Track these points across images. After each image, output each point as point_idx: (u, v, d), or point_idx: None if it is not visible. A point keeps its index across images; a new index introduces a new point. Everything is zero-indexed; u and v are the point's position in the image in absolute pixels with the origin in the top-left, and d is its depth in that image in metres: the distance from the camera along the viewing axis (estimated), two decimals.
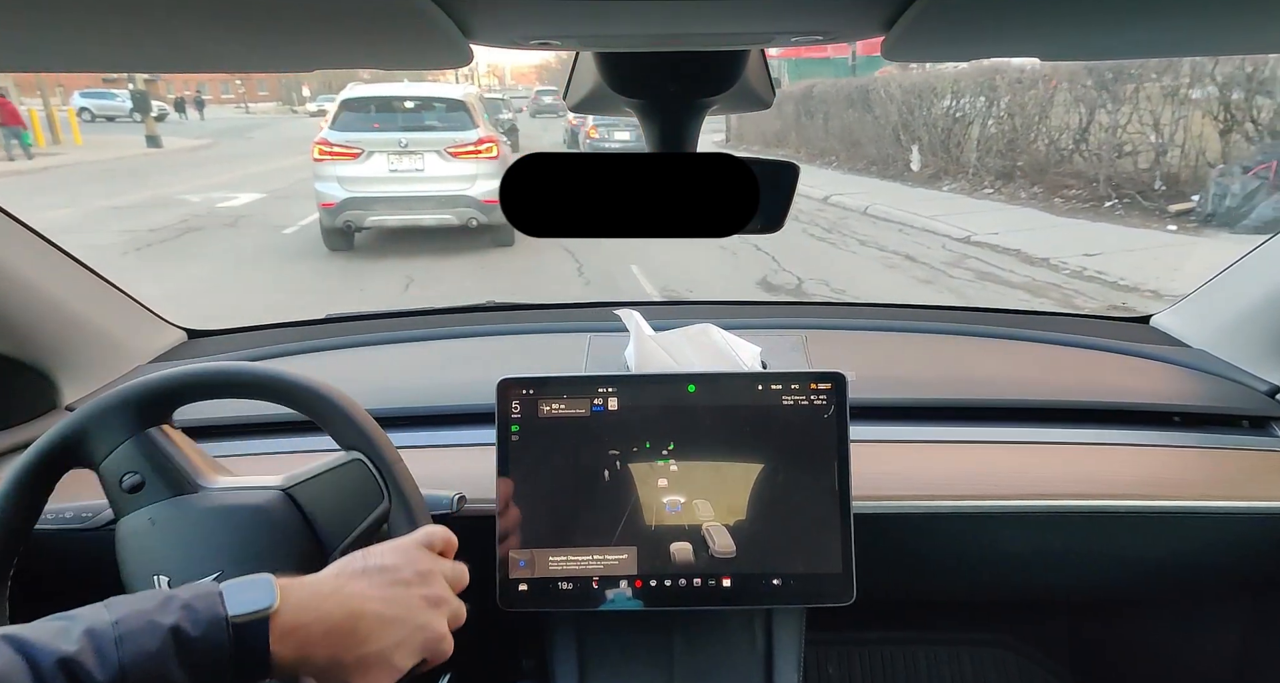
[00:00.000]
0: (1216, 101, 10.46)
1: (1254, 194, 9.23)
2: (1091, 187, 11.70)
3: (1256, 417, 1.51)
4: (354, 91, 9.98)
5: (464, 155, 9.44)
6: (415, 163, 9.37)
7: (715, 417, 1.25)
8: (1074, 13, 0.54)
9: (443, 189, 9.36)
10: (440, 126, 9.73)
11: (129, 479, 1.04)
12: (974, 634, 2.03)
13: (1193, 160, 10.81)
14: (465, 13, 0.53)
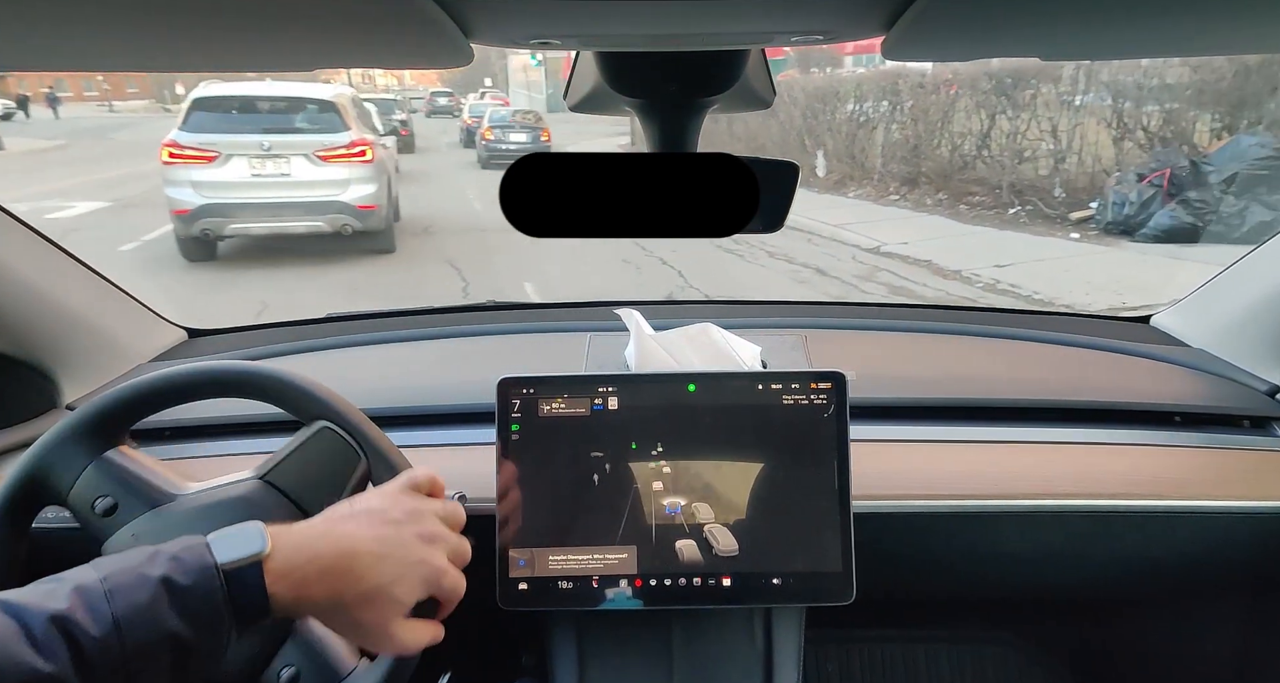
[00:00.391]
0: (1110, 109, 10.82)
1: (1150, 202, 9.47)
2: (995, 193, 11.87)
3: (1257, 417, 1.51)
4: (208, 90, 9.22)
5: (334, 159, 8.91)
6: (280, 167, 8.77)
7: (715, 416, 1.25)
8: (1074, 12, 0.54)
9: (313, 195, 8.82)
10: (308, 128, 9.13)
11: (101, 503, 1.03)
12: (974, 633, 2.03)
13: (1089, 167, 11.13)
14: (466, 13, 0.54)
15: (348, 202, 8.87)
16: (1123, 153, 10.75)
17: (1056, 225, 10.64)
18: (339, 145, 8.93)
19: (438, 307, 1.93)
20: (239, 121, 8.95)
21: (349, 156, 8.95)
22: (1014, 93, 11.58)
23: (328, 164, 8.87)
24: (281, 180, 8.77)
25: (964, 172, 12.40)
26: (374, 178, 9.11)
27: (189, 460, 1.41)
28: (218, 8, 0.50)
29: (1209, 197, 9.15)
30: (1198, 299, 1.74)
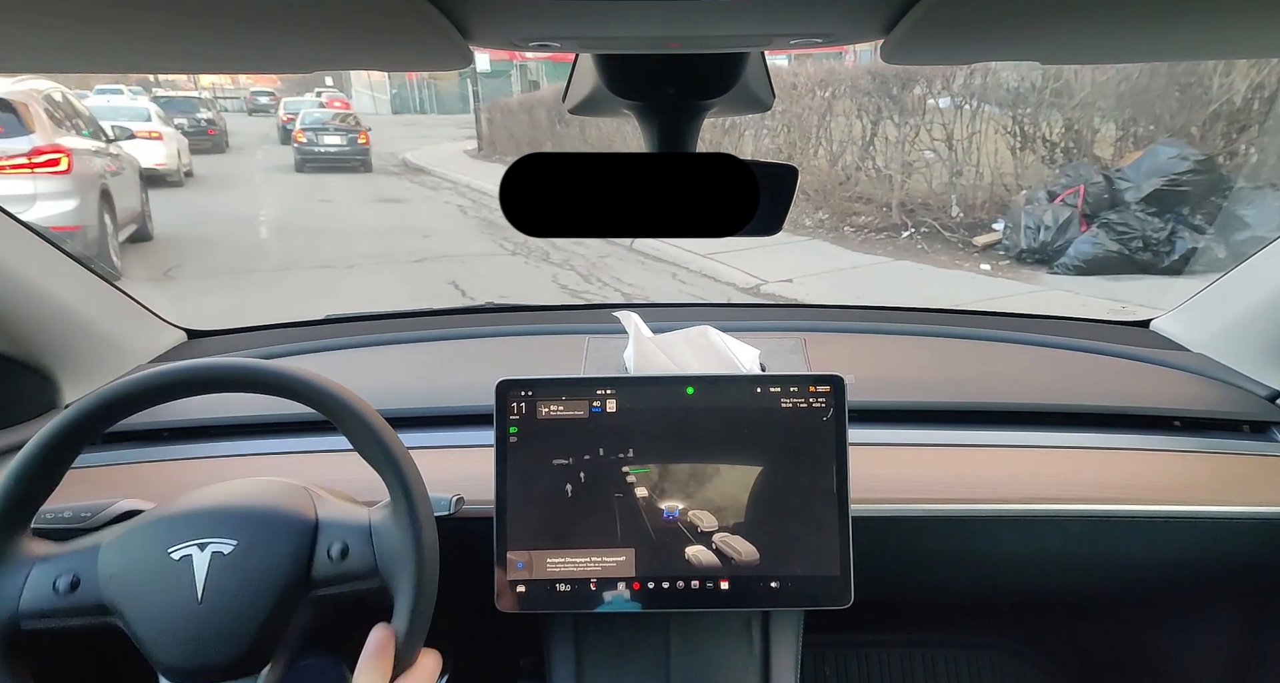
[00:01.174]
0: (1010, 117, 9.62)
1: (1067, 226, 8.32)
2: (883, 212, 10.40)
3: (1256, 421, 1.51)
4: None
5: (11, 170, 7.18)
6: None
7: (714, 419, 1.25)
8: (1074, 16, 0.54)
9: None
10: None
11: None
12: (971, 637, 2.03)
13: (988, 181, 9.84)
14: (464, 15, 0.54)
15: (31, 222, 6.95)
16: (1024, 166, 9.57)
17: (961, 254, 9.17)
18: (15, 153, 7.18)
19: (437, 308, 1.93)
20: None
21: (30, 167, 7.23)
22: (901, 95, 10.05)
23: (1, 176, 7.16)
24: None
25: (846, 186, 10.76)
26: (72, 193, 7.41)
27: (188, 462, 1.41)
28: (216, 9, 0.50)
29: (1130, 218, 7.95)
30: (1197, 303, 1.74)
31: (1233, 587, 1.58)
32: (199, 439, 1.46)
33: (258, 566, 1.00)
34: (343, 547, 1.03)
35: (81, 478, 1.35)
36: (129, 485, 1.34)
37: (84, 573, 1.00)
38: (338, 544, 1.03)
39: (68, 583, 1.00)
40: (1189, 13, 0.54)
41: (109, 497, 1.19)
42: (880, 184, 10.42)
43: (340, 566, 1.03)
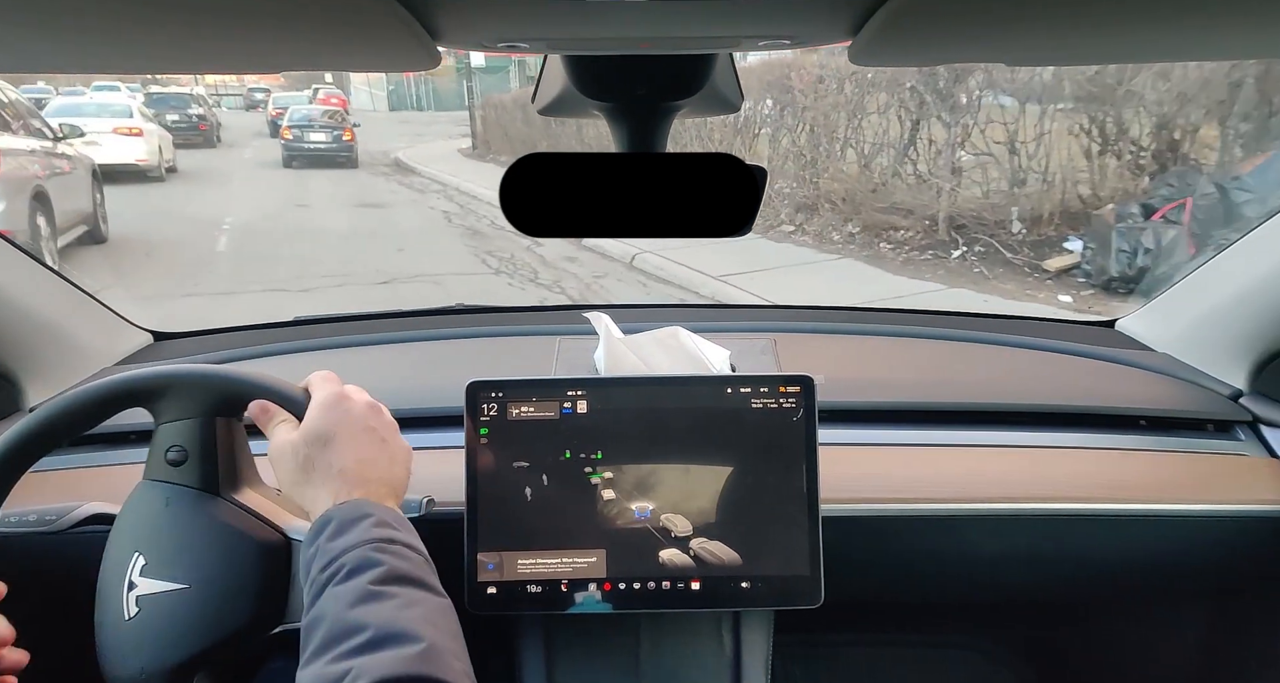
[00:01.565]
0: (1086, 116, 7.90)
1: (1173, 248, 6.65)
2: (927, 227, 8.60)
3: (1221, 420, 1.53)
4: None
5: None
6: None
7: (685, 419, 1.25)
8: (1041, 17, 0.54)
9: None
10: None
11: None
12: (941, 637, 2.04)
13: (1058, 192, 8.10)
14: (433, 16, 0.53)
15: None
16: (1102, 172, 7.77)
17: (1029, 279, 7.48)
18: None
19: (406, 310, 1.92)
20: None
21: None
22: (952, 89, 8.30)
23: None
24: None
25: (880, 194, 9.00)
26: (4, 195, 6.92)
27: None
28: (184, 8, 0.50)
29: None
30: (1162, 303, 1.75)
31: (1199, 584, 1.60)
32: None
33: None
34: None
35: (46, 481, 1.34)
36: (95, 489, 1.32)
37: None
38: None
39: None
40: (1155, 14, 0.54)
41: (74, 500, 1.17)
42: (922, 192, 8.72)
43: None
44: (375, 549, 0.86)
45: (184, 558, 1.00)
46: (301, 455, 0.96)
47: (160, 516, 1.02)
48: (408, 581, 0.85)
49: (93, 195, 9.33)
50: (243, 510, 1.04)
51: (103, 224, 9.62)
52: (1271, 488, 1.39)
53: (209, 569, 1.00)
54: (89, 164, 9.35)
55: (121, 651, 0.98)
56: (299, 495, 0.97)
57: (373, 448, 0.99)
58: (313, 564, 0.88)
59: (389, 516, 0.93)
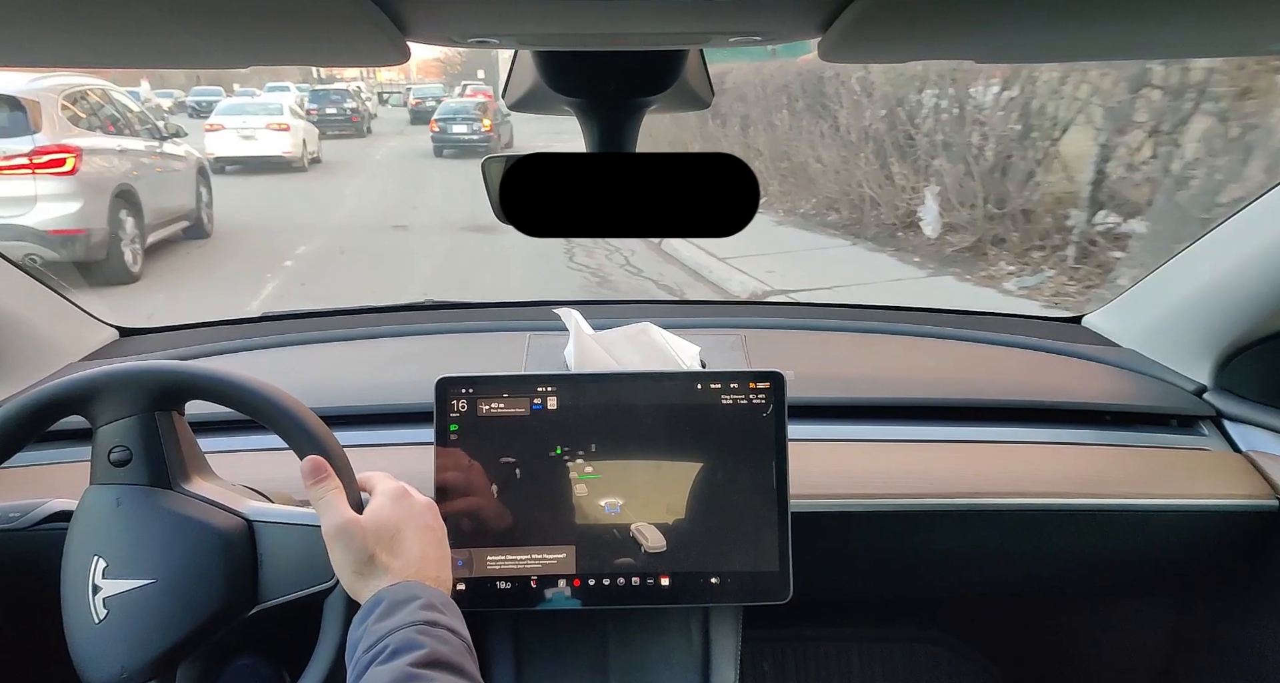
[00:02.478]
0: None
1: None
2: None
3: (1185, 415, 1.55)
4: None
5: (7, 170, 6.88)
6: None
7: (655, 416, 1.25)
8: (1009, 13, 0.55)
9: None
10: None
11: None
12: (908, 631, 2.05)
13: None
14: (402, 10, 0.53)
15: (30, 225, 6.91)
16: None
17: None
18: (15, 154, 6.89)
19: (375, 306, 1.91)
20: None
21: (31, 168, 6.94)
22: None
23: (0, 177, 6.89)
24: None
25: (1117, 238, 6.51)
26: (75, 194, 7.13)
27: None
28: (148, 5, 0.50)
29: None
30: (1128, 300, 1.77)
31: (1163, 577, 1.62)
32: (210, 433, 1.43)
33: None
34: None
35: (10, 477, 1.32)
36: (60, 485, 1.30)
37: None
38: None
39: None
40: (1122, 12, 0.55)
41: (39, 497, 1.16)
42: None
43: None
44: (419, 631, 0.88)
45: (145, 554, 1.00)
46: (368, 552, 0.97)
47: (113, 516, 1.01)
48: (446, 666, 0.87)
49: (197, 192, 9.57)
50: (197, 499, 1.04)
51: (207, 220, 9.86)
52: (1234, 482, 1.41)
53: (172, 561, 1.00)
54: (195, 162, 9.65)
55: (98, 654, 0.97)
56: (355, 582, 0.98)
57: (432, 547, 1.03)
58: (359, 644, 0.90)
59: (437, 598, 0.96)
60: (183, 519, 1.02)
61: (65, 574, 1.01)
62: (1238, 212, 1.46)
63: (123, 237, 7.70)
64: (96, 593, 0.98)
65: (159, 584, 0.98)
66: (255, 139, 15.75)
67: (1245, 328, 1.47)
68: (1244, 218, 1.45)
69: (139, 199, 7.98)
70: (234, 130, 15.89)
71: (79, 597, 0.98)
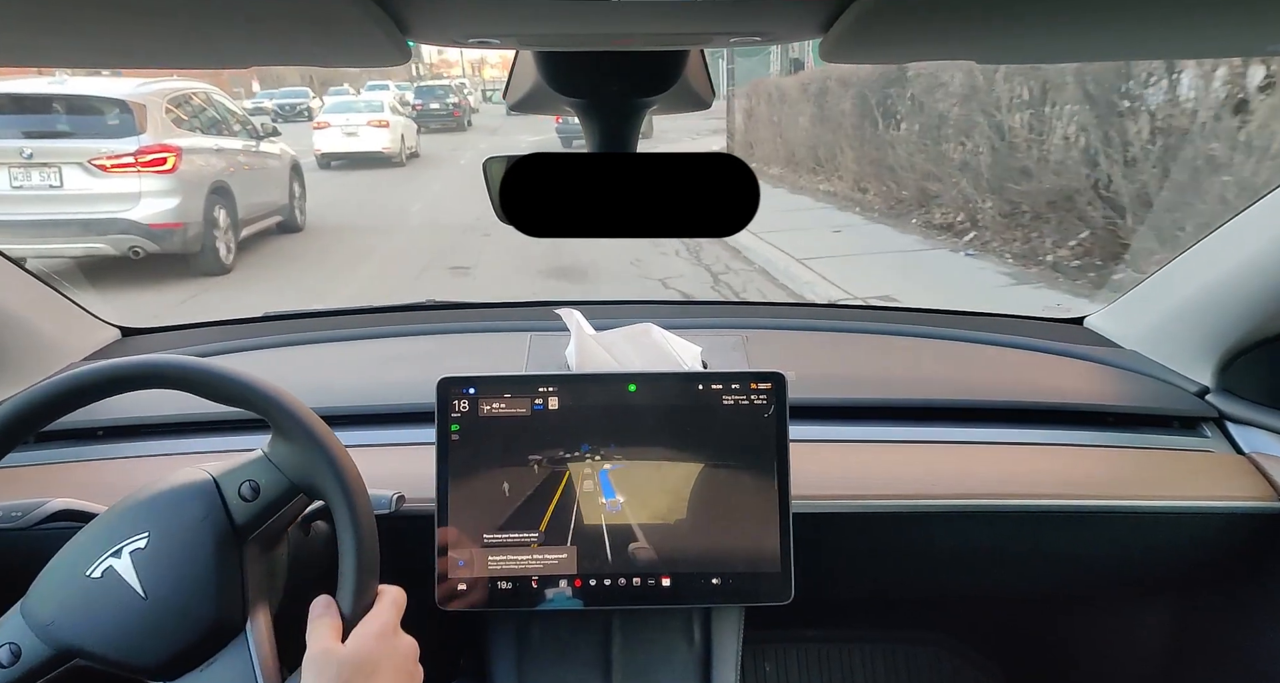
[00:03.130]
0: None
1: None
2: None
3: (1187, 417, 1.54)
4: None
5: (117, 169, 7.35)
6: (48, 178, 7.26)
7: (656, 416, 1.25)
8: (1011, 14, 0.55)
9: (90, 211, 7.27)
10: (81, 132, 7.50)
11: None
12: (910, 632, 2.05)
13: None
14: (403, 10, 0.53)
15: (136, 219, 7.39)
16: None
17: None
18: (123, 153, 7.36)
19: (377, 306, 1.91)
20: (2, 124, 7.48)
21: (137, 166, 7.41)
22: None
23: (110, 175, 7.35)
24: (50, 194, 7.27)
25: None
26: (174, 191, 7.61)
27: (122, 461, 1.38)
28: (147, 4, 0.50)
29: None
30: (1130, 301, 1.77)
31: (1163, 579, 1.62)
32: (133, 438, 1.43)
33: (180, 542, 0.99)
34: (251, 485, 1.03)
35: (13, 477, 1.33)
36: (63, 485, 1.31)
37: (18, 637, 0.97)
38: (245, 485, 1.03)
39: (9, 654, 0.97)
40: (1126, 12, 0.55)
41: (41, 497, 1.16)
42: None
43: (257, 502, 1.03)
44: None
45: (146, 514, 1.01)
46: (343, 679, 0.95)
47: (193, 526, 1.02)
48: None
49: (290, 189, 10.16)
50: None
51: (299, 215, 10.45)
52: (1236, 484, 1.41)
53: (157, 511, 1.01)
54: (289, 161, 10.22)
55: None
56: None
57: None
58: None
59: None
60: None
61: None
62: (1240, 212, 1.46)
63: (217, 231, 8.18)
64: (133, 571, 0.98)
65: (148, 602, 0.98)
66: (358, 136, 16.94)
67: (1248, 329, 1.47)
68: (1246, 219, 1.45)
69: (233, 195, 8.53)
70: (339, 128, 16.97)
71: (114, 592, 0.98)
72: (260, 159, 9.45)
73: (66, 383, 1.01)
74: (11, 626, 0.98)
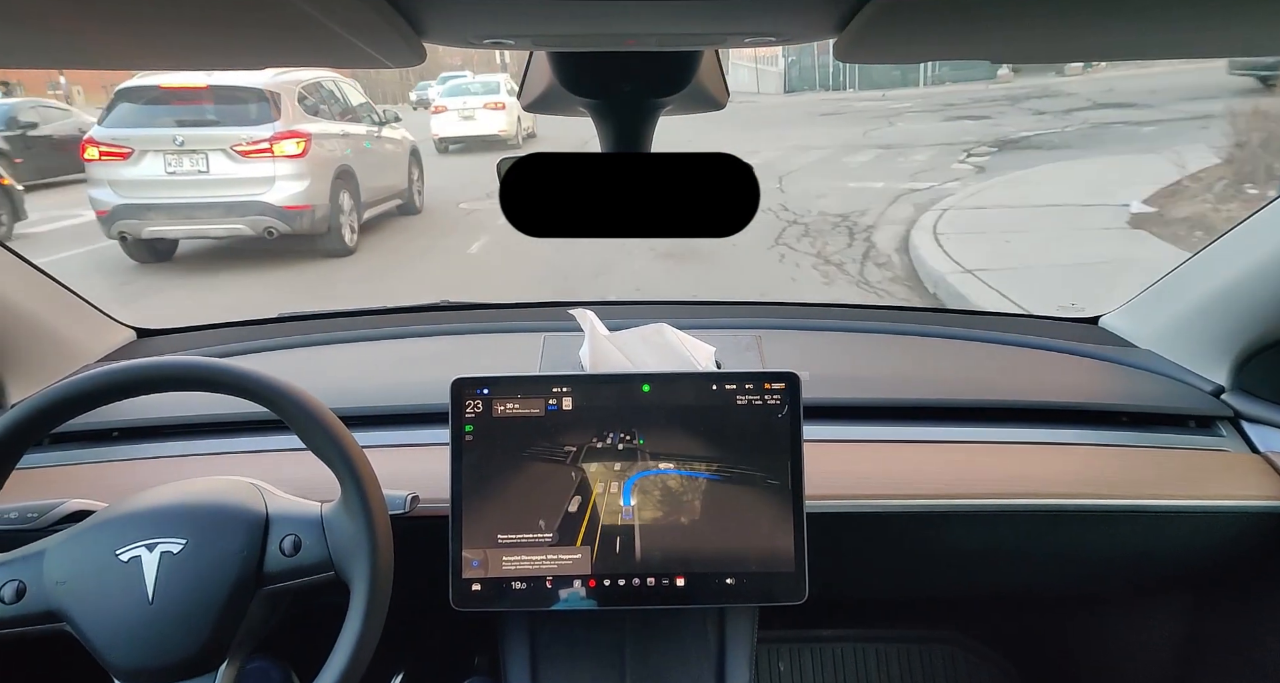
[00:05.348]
0: None
1: None
2: None
3: (1202, 416, 1.54)
4: (134, 80, 8.28)
5: (254, 154, 7.84)
6: (197, 164, 7.77)
7: (669, 416, 1.25)
8: (1026, 13, 0.54)
9: (231, 194, 7.78)
10: (224, 121, 7.99)
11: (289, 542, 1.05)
12: (924, 631, 2.05)
13: None
14: (418, 11, 0.53)
15: (271, 202, 7.83)
16: None
17: None
18: (260, 138, 7.85)
19: (391, 307, 1.91)
20: (155, 114, 8.02)
21: (270, 151, 7.87)
22: None
23: (249, 160, 7.84)
24: (199, 179, 7.80)
25: None
26: (304, 175, 8.00)
27: (137, 462, 1.39)
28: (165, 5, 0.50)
29: None
30: (1145, 300, 1.76)
31: (1179, 578, 1.61)
32: (149, 439, 1.44)
33: (208, 563, 1.00)
34: (295, 540, 1.04)
35: (29, 478, 1.33)
36: (78, 486, 1.32)
37: (30, 579, 0.99)
38: (289, 538, 1.04)
39: (14, 591, 0.99)
40: (1141, 12, 0.54)
41: (57, 497, 1.17)
42: None
43: (292, 560, 1.04)
44: None
45: (180, 520, 1.02)
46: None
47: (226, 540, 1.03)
48: None
49: (409, 173, 10.40)
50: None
51: (417, 198, 10.68)
52: (1252, 483, 1.40)
53: (200, 526, 1.02)
54: (408, 146, 10.47)
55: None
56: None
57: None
58: None
59: None
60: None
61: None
62: (1256, 212, 1.45)
63: (342, 213, 8.46)
64: (152, 570, 0.99)
65: (189, 546, 1.00)
66: (474, 119, 16.88)
67: (1264, 328, 1.46)
68: (1262, 218, 1.45)
69: (356, 179, 8.81)
70: (455, 111, 16.89)
71: (129, 582, 0.99)
72: (381, 144, 9.81)
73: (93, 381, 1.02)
74: (28, 565, 1.00)
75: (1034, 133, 14.28)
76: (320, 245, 8.32)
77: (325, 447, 1.04)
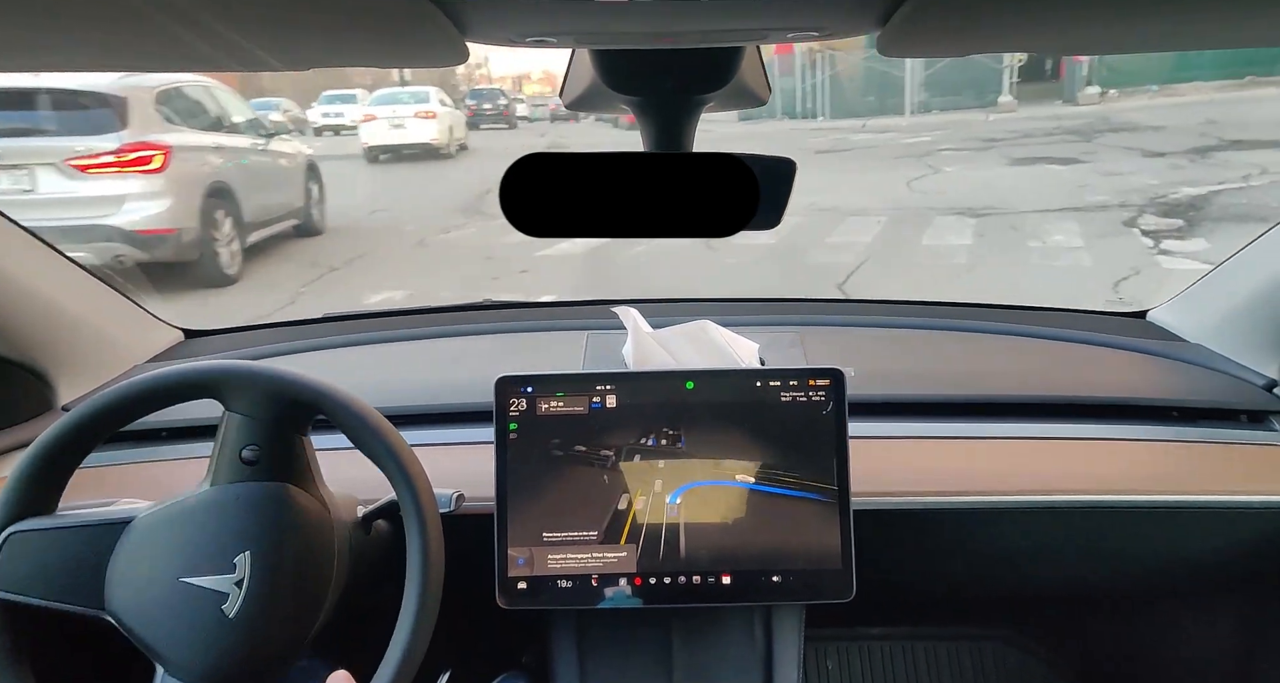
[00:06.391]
0: None
1: None
2: None
3: (1254, 411, 1.51)
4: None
5: (96, 169, 6.44)
6: (19, 181, 6.33)
7: (714, 414, 1.25)
8: (1068, 5, 0.54)
9: (68, 216, 6.23)
10: (56, 130, 6.56)
11: (249, 452, 1.05)
12: (974, 630, 2.03)
13: None
14: (461, 11, 0.53)
15: (118, 225, 6.49)
16: None
17: None
18: (103, 151, 6.46)
19: (435, 306, 1.93)
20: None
21: (119, 166, 6.50)
22: None
23: (87, 176, 6.44)
24: (21, 199, 6.29)
25: None
26: (164, 193, 6.72)
27: (186, 462, 1.41)
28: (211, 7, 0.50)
29: None
30: (1194, 293, 1.74)
31: (1233, 576, 1.59)
32: (197, 439, 1.46)
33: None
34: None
35: (78, 478, 1.35)
36: (127, 486, 1.33)
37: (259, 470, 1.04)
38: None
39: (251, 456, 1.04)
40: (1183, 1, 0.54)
41: (107, 497, 1.18)
42: None
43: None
44: None
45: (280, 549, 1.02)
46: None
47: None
48: None
49: (305, 189, 9.18)
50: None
51: (318, 217, 9.51)
52: None
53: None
54: (303, 160, 9.29)
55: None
56: None
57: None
58: None
59: None
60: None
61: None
62: None
63: (218, 236, 7.26)
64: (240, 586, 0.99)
65: (251, 555, 1.00)
66: (404, 127, 16.49)
67: None
68: None
69: (236, 197, 7.56)
70: (385, 119, 16.50)
71: (205, 594, 0.99)
72: (269, 158, 8.56)
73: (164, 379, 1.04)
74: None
75: (1211, 189, 9.43)
76: (194, 273, 7.03)
77: (375, 448, 1.05)
